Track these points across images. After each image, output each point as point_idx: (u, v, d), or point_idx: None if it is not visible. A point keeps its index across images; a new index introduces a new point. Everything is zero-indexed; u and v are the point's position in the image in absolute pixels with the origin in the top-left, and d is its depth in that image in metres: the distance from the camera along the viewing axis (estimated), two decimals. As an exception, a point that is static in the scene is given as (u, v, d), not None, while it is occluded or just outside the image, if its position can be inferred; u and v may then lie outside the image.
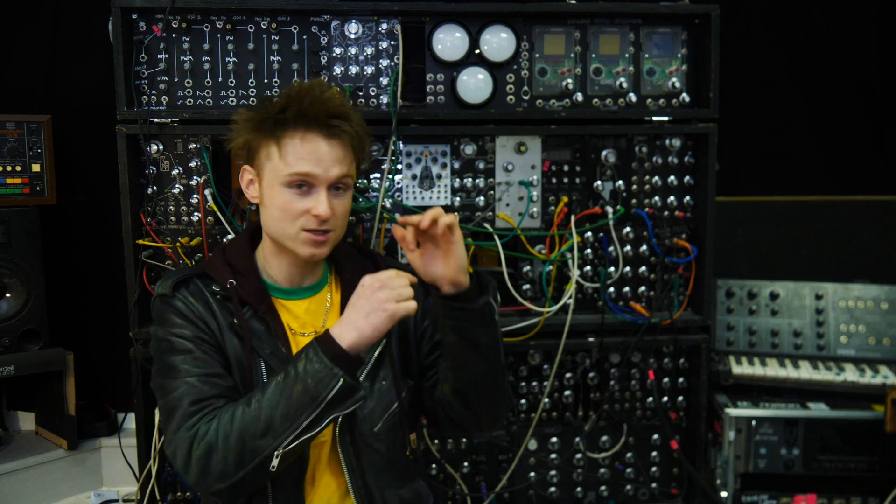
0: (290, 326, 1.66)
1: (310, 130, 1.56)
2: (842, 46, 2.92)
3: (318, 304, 1.72)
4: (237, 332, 1.60)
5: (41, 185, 2.61)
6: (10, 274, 2.55)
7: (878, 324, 2.45)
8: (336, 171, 1.57)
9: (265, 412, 1.43)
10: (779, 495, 2.32)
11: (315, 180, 1.56)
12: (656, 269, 2.29)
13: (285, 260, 1.66)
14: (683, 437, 2.36)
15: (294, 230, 1.58)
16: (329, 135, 1.56)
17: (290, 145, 1.56)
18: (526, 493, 2.34)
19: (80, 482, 2.78)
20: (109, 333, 2.89)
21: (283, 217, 1.58)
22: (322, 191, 1.56)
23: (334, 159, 1.57)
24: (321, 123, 1.56)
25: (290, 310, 1.68)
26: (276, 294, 1.68)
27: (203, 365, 1.55)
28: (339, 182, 1.59)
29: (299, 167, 1.55)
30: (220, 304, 1.62)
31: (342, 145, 1.59)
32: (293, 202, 1.56)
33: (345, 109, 1.61)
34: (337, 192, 1.60)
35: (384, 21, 2.15)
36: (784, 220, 2.74)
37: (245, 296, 1.62)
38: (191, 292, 1.62)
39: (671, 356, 2.34)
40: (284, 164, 1.56)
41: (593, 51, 2.22)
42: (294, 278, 1.69)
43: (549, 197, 2.25)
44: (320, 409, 1.43)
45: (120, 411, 2.90)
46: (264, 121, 1.59)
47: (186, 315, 1.59)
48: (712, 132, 2.21)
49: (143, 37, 2.08)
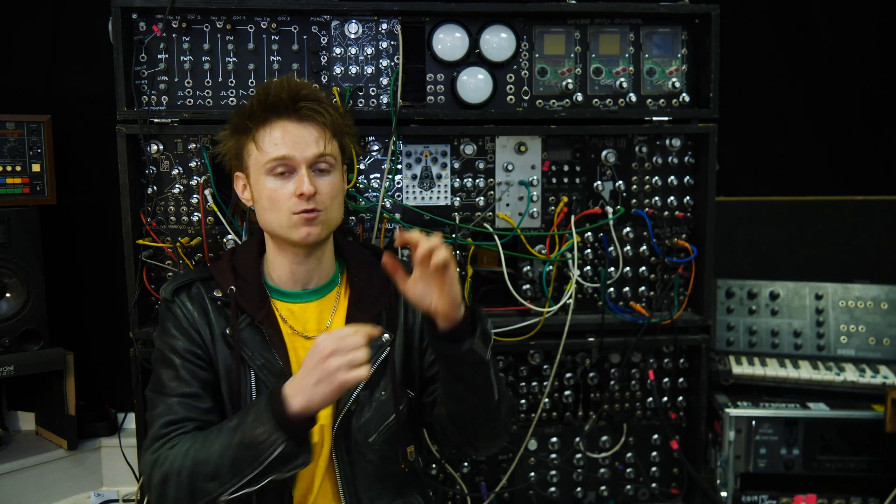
0: (294, 330, 1.65)
1: (280, 117, 1.59)
2: (842, 46, 2.92)
3: (326, 306, 1.70)
4: (229, 342, 1.61)
5: (41, 185, 2.61)
6: (10, 274, 2.55)
7: (878, 324, 2.45)
8: (312, 151, 1.59)
9: (214, 457, 1.44)
10: (779, 495, 2.32)
11: (293, 162, 1.58)
12: (656, 269, 2.29)
13: (287, 258, 1.66)
14: (683, 437, 2.36)
15: (285, 216, 1.58)
16: (300, 118, 1.59)
17: (264, 136, 1.59)
18: (526, 493, 2.34)
19: (80, 482, 2.78)
20: (109, 333, 2.89)
21: (272, 206, 1.59)
22: (303, 171, 1.58)
23: (309, 140, 1.59)
24: (289, 109, 1.59)
25: (295, 313, 1.67)
26: (280, 298, 1.67)
27: (184, 384, 1.57)
28: (318, 161, 1.60)
29: (275, 152, 1.58)
30: (219, 310, 1.63)
31: (316, 126, 1.60)
32: (278, 189, 1.59)
33: (313, 92, 1.63)
34: (320, 172, 1.61)
35: (384, 21, 2.15)
36: (784, 220, 2.75)
37: (243, 302, 1.62)
38: (190, 297, 1.64)
39: (671, 356, 2.34)
40: (262, 154, 1.59)
41: (593, 51, 2.22)
42: (299, 278, 1.67)
43: (549, 197, 2.25)
44: (261, 469, 1.42)
45: (120, 411, 2.90)
46: (239, 123, 1.64)
47: (181, 324, 1.62)
48: (712, 132, 2.21)
49: (143, 37, 2.08)
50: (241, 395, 1.60)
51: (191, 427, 1.54)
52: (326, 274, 1.71)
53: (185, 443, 1.49)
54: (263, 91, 1.62)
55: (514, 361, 2.29)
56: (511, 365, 2.29)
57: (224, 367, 1.61)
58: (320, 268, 1.69)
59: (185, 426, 1.54)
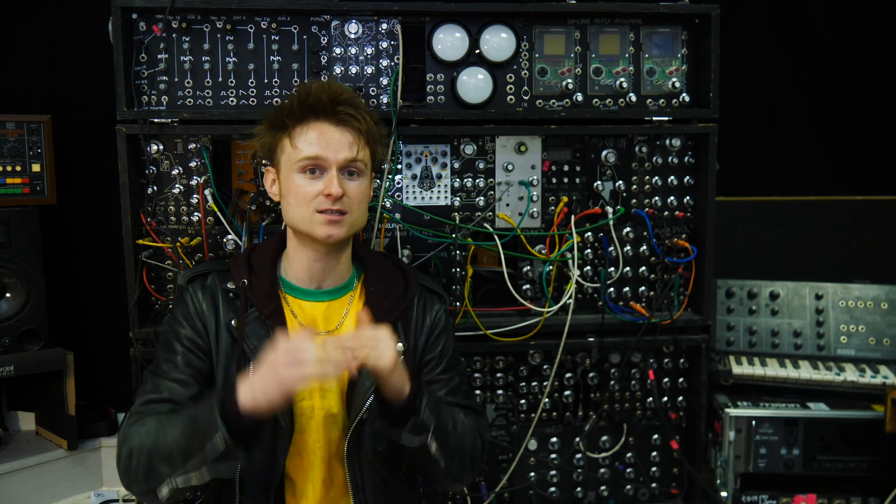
0: (303, 326, 1.66)
1: (318, 118, 1.62)
2: (842, 46, 2.93)
3: (337, 308, 1.71)
4: (233, 333, 1.63)
5: (41, 185, 2.61)
6: (10, 274, 2.55)
7: (878, 324, 2.45)
8: (345, 154, 1.61)
9: (170, 438, 1.45)
10: (779, 495, 2.32)
11: (326, 163, 1.60)
12: (656, 269, 2.29)
13: (306, 254, 1.67)
14: (683, 437, 2.36)
15: (309, 213, 1.60)
16: (337, 121, 1.62)
17: (300, 134, 1.62)
18: (526, 493, 2.34)
19: (80, 482, 2.78)
20: (109, 333, 2.89)
21: (299, 202, 1.61)
22: (333, 172, 1.60)
23: (343, 143, 1.61)
24: (328, 111, 1.62)
25: (307, 311, 1.68)
26: (294, 294, 1.69)
27: (176, 370, 1.61)
28: (350, 165, 1.63)
29: (309, 151, 1.60)
30: (230, 302, 1.66)
31: (351, 131, 1.63)
32: (306, 186, 1.61)
33: (352, 98, 1.66)
34: (350, 175, 1.64)
35: (384, 21, 2.15)
36: (784, 220, 2.75)
37: (253, 296, 1.64)
38: (203, 287, 1.67)
39: (671, 356, 2.34)
40: (296, 152, 1.62)
41: (593, 51, 2.22)
42: (315, 275, 1.68)
43: (549, 197, 2.24)
44: (199, 457, 1.41)
45: (120, 411, 2.90)
46: (277, 119, 1.66)
47: (189, 312, 1.65)
48: (712, 132, 2.21)
49: (143, 37, 2.08)
50: None
51: (166, 409, 1.55)
52: (342, 276, 1.72)
53: (154, 421, 1.51)
54: (304, 91, 1.64)
55: (514, 361, 2.29)
56: (511, 365, 2.29)
57: (224, 357, 1.63)
58: (337, 268, 1.70)
59: (159, 406, 1.56)
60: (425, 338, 1.73)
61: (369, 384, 1.58)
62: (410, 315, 1.73)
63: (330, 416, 1.65)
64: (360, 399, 1.60)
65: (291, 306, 1.67)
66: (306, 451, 1.65)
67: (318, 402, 1.64)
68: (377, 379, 1.49)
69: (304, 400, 1.63)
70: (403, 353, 1.66)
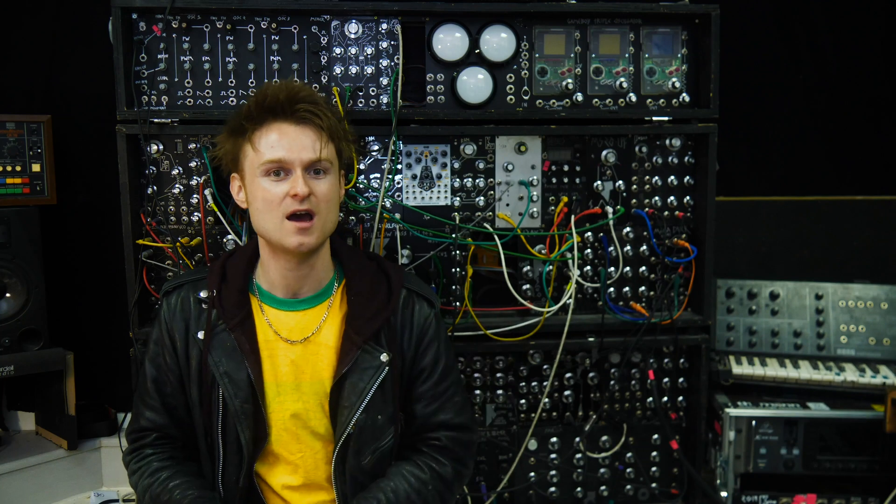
0: (278, 335, 1.64)
1: (277, 119, 1.59)
2: (842, 46, 2.92)
3: (313, 316, 1.67)
4: (200, 345, 1.63)
5: (41, 185, 2.61)
6: (10, 274, 2.55)
7: (878, 324, 2.45)
8: (309, 154, 1.57)
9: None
10: (779, 495, 2.32)
11: (289, 164, 1.57)
12: (656, 269, 2.29)
13: (279, 263, 1.64)
14: (683, 437, 2.36)
15: (278, 219, 1.57)
16: (297, 119, 1.59)
17: (261, 137, 1.58)
18: (526, 493, 2.34)
19: (80, 482, 2.78)
20: (109, 333, 2.88)
21: (266, 207, 1.58)
22: (298, 172, 1.57)
23: (306, 142, 1.58)
24: (287, 111, 1.58)
25: (282, 319, 1.66)
26: (269, 303, 1.67)
27: (149, 397, 1.68)
28: (315, 165, 1.59)
29: (271, 154, 1.57)
30: (201, 312, 1.65)
31: (313, 129, 1.59)
32: (272, 188, 1.57)
33: (311, 95, 1.63)
34: (316, 175, 1.60)
35: (384, 21, 2.15)
36: (784, 220, 2.75)
37: (221, 307, 1.63)
38: (176, 300, 1.68)
39: (671, 356, 2.34)
40: (258, 155, 1.58)
41: (593, 51, 2.22)
42: (291, 285, 1.66)
43: (549, 197, 2.24)
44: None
45: (120, 411, 2.90)
46: (236, 124, 1.63)
47: (162, 328, 1.68)
48: (712, 132, 2.21)
49: (143, 37, 2.08)
50: (212, 401, 1.62)
51: (150, 438, 1.66)
52: (320, 282, 1.68)
53: (147, 479, 1.62)
54: (261, 93, 1.61)
55: (514, 361, 2.29)
56: (511, 365, 2.29)
57: (196, 370, 1.63)
58: (313, 274, 1.66)
59: (145, 437, 1.67)
60: (414, 346, 1.69)
61: (355, 399, 1.58)
62: (395, 321, 1.68)
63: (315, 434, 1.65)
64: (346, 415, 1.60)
65: (266, 314, 1.65)
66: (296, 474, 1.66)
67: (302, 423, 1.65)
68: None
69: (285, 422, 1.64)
70: (389, 363, 1.63)
